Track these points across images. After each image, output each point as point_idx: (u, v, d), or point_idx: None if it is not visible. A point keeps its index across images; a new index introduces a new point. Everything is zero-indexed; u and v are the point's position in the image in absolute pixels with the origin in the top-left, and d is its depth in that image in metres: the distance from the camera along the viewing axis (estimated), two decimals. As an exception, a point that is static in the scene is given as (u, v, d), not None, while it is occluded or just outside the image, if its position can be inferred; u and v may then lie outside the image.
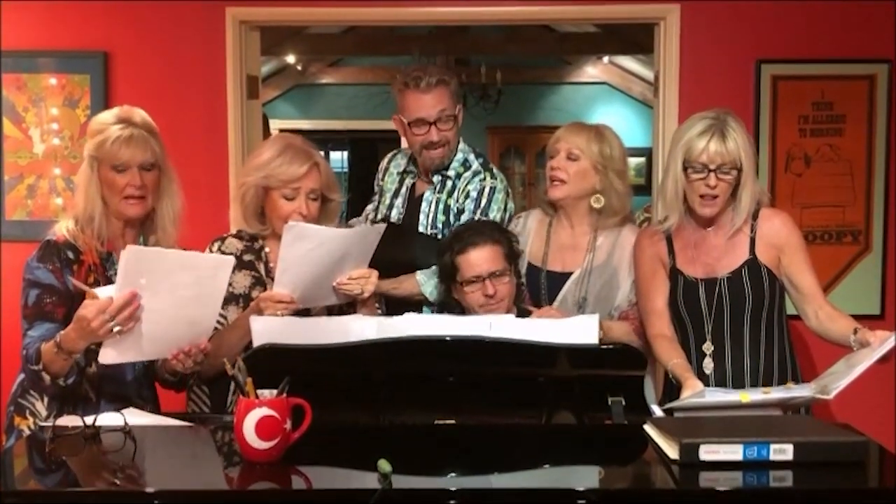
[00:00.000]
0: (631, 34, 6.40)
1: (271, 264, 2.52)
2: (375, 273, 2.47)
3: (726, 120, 2.45)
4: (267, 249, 2.54)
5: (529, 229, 2.87)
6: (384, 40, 7.46)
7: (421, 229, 2.88)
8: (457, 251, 2.57)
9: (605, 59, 8.87)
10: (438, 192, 2.90)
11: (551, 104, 9.35)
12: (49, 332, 2.22)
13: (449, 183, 2.90)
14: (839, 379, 2.12)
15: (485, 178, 2.87)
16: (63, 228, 2.36)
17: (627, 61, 8.64)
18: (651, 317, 2.58)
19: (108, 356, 2.14)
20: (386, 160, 3.12)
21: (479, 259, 2.55)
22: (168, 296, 2.11)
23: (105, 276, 2.35)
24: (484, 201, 2.84)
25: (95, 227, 2.35)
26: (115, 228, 2.40)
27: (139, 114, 2.43)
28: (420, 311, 2.81)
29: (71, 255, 2.33)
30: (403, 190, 2.99)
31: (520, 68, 8.68)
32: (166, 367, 2.33)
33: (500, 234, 2.61)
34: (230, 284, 2.43)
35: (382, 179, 3.08)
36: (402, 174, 3.02)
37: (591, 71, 9.20)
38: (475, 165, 2.91)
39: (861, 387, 2.13)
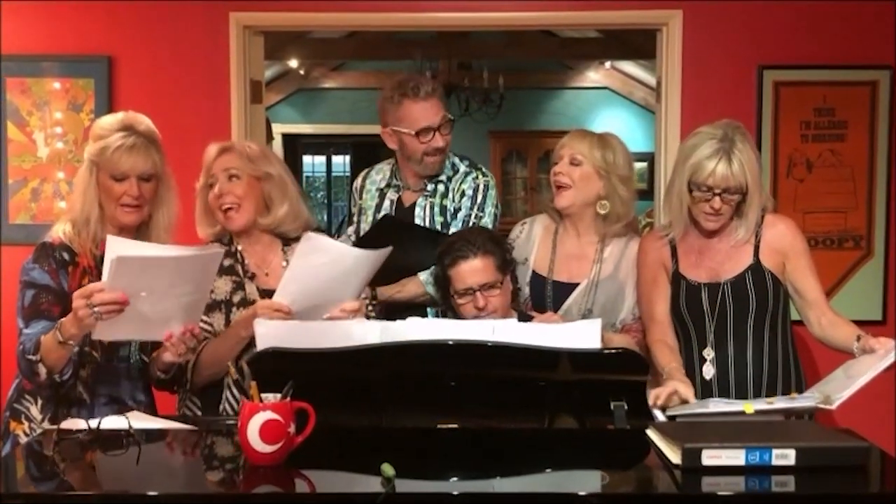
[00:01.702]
0: (633, 39, 6.41)
1: (247, 262, 2.51)
2: (364, 306, 2.44)
3: (734, 140, 2.42)
4: (240, 248, 2.53)
5: (535, 237, 2.87)
6: (386, 45, 7.47)
7: None
8: (448, 264, 2.57)
9: (607, 63, 8.88)
10: (432, 197, 2.92)
11: (553, 109, 9.36)
12: (45, 330, 2.22)
13: (441, 186, 2.92)
14: (841, 388, 2.12)
15: (477, 177, 2.92)
16: (59, 231, 2.37)
17: (629, 66, 8.66)
18: (651, 323, 2.59)
19: (99, 332, 2.14)
20: (360, 179, 3.09)
21: (470, 271, 2.54)
22: (158, 293, 2.11)
23: (100, 278, 2.34)
24: (480, 198, 2.89)
25: (91, 230, 2.36)
26: (111, 233, 2.38)
27: (143, 121, 2.43)
28: (424, 313, 2.82)
29: (66, 256, 2.34)
30: (386, 204, 2.97)
31: (522, 73, 8.69)
32: (158, 363, 2.33)
33: (492, 245, 2.59)
34: (212, 291, 2.44)
35: (360, 198, 3.05)
36: (384, 189, 2.99)
37: (593, 76, 9.21)
38: (463, 167, 2.96)
39: (863, 392, 2.14)
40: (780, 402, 2.18)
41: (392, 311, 2.77)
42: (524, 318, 2.57)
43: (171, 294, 2.13)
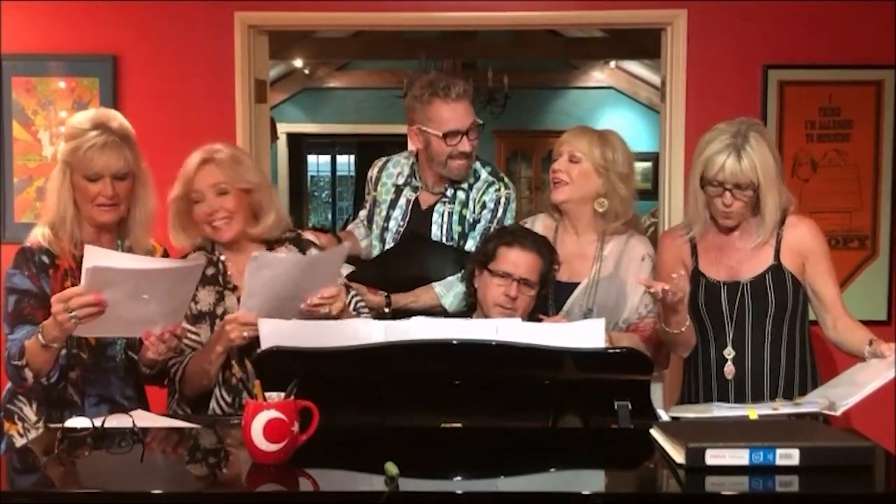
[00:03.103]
0: (638, 39, 6.39)
1: (229, 273, 2.48)
2: (343, 291, 2.40)
3: (747, 135, 2.41)
4: (223, 258, 2.49)
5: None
6: (391, 44, 7.47)
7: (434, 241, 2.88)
8: (505, 242, 2.60)
9: (612, 63, 8.87)
10: (451, 204, 2.88)
11: (558, 108, 9.36)
12: (29, 334, 2.23)
13: (461, 194, 2.88)
14: (847, 395, 2.11)
15: (499, 189, 2.89)
16: (38, 235, 2.36)
17: (634, 66, 8.65)
18: None
19: (79, 330, 2.14)
20: (376, 169, 3.03)
21: (520, 260, 2.58)
22: (135, 301, 2.11)
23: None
24: (500, 211, 2.87)
25: (68, 231, 2.35)
26: (89, 232, 2.39)
27: (116, 118, 2.40)
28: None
29: (46, 259, 2.34)
30: (402, 202, 2.94)
31: (526, 72, 8.68)
32: (143, 360, 2.33)
33: (547, 253, 2.64)
34: (197, 301, 2.43)
35: (375, 189, 3.01)
36: (401, 186, 2.96)
37: (598, 75, 9.21)
38: (484, 175, 2.91)
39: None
40: (784, 409, 2.17)
41: (402, 317, 2.76)
42: (532, 321, 2.56)
43: (149, 301, 2.13)
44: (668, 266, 2.60)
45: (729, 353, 2.53)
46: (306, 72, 8.88)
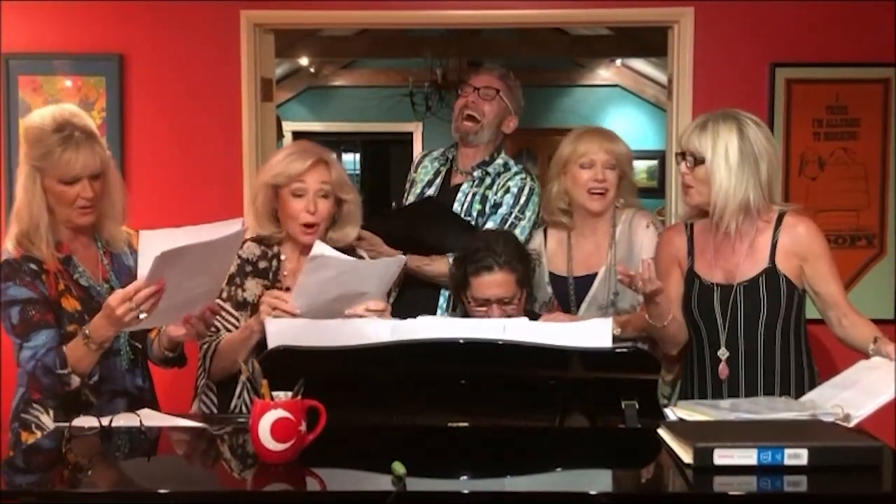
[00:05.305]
0: (644, 37, 6.39)
1: (285, 273, 2.50)
2: (389, 308, 2.43)
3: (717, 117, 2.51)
4: (283, 256, 2.52)
5: (545, 246, 2.92)
6: (397, 43, 7.46)
7: None
8: (470, 271, 2.60)
9: (618, 61, 8.86)
10: (476, 186, 3.01)
11: (563, 107, 9.34)
12: (51, 339, 2.21)
13: (488, 179, 3.03)
14: (860, 406, 2.09)
15: (526, 178, 3.03)
16: (15, 245, 2.29)
17: (640, 64, 8.63)
18: None
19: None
20: (421, 154, 3.29)
21: (491, 285, 2.58)
22: (188, 281, 2.09)
23: (73, 279, 2.32)
24: (523, 199, 2.98)
25: (43, 238, 2.28)
26: (65, 234, 2.35)
27: (77, 114, 2.32)
28: (437, 293, 2.92)
29: (34, 266, 2.29)
30: (438, 181, 3.11)
31: (532, 71, 8.66)
32: (164, 342, 2.31)
33: (517, 262, 2.61)
34: (244, 290, 2.45)
35: (415, 171, 3.20)
36: (440, 168, 3.14)
37: (604, 73, 9.19)
38: (514, 168, 3.09)
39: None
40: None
41: (409, 285, 2.83)
42: (532, 317, 2.57)
43: (197, 279, 2.10)
44: (663, 263, 2.60)
45: (723, 353, 2.52)
46: (312, 70, 8.87)
